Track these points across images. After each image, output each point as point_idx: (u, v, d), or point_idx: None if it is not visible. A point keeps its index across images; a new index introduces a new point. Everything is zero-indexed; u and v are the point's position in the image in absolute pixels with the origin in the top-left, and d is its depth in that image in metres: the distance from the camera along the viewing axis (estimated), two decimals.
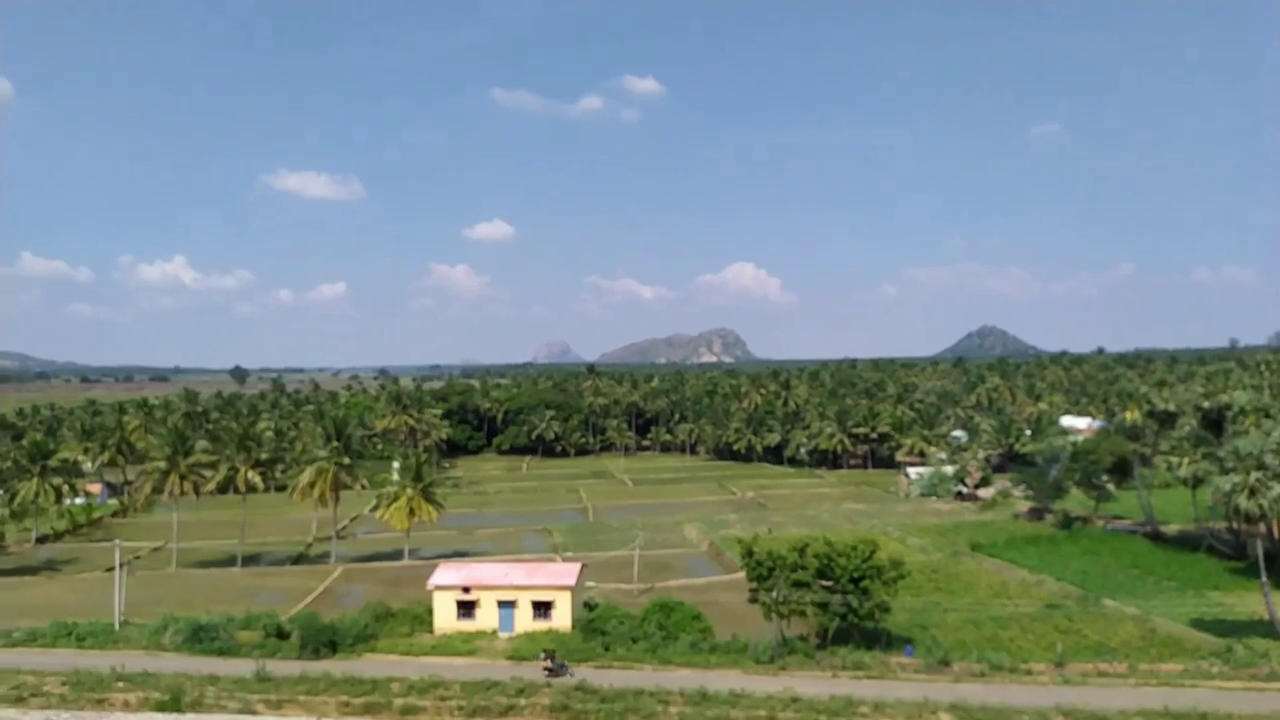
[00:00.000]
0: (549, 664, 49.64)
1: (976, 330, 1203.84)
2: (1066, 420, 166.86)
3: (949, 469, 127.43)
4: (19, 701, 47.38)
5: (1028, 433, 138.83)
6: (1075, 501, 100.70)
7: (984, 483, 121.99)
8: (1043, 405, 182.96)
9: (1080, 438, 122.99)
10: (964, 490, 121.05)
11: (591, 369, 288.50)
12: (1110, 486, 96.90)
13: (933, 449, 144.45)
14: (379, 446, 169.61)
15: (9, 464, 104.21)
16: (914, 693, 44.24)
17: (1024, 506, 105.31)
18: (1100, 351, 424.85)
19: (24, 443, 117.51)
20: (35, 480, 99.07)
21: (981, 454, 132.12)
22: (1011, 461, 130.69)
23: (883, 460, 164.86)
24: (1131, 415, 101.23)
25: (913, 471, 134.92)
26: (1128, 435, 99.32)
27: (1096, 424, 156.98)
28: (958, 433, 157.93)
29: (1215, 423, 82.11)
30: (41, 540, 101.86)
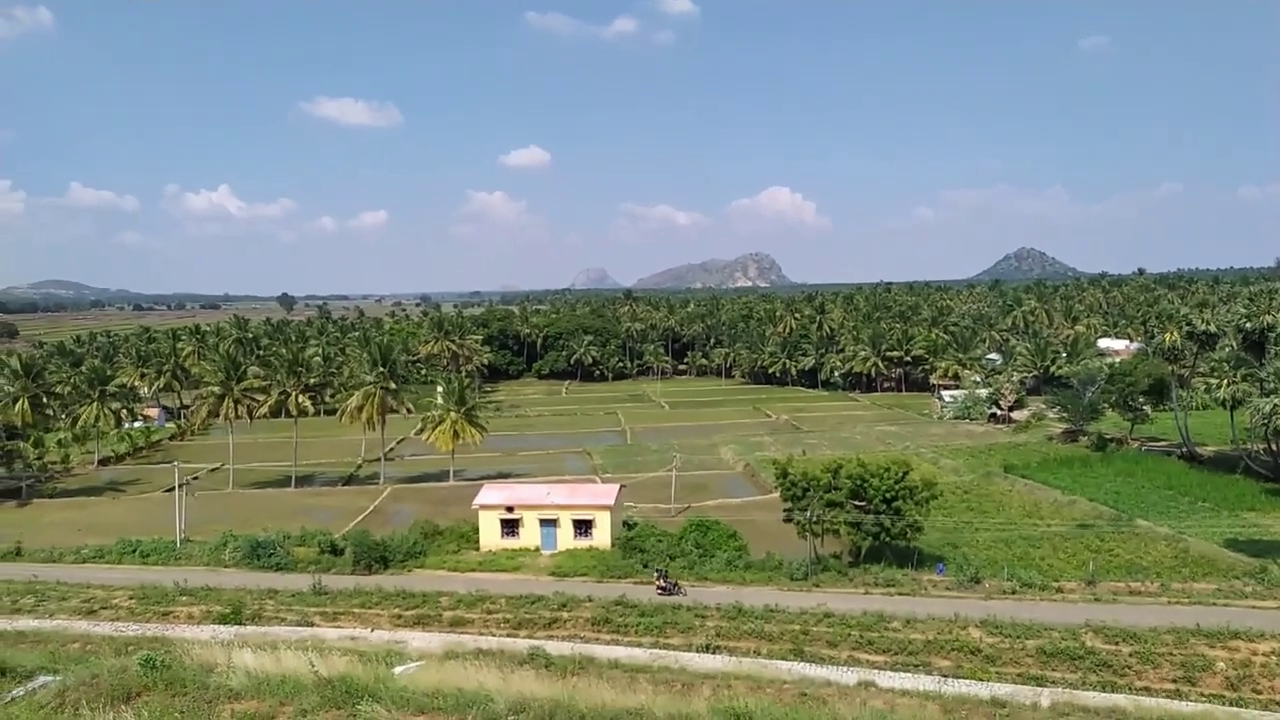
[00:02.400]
0: (661, 582, 49.95)
1: (1014, 252, 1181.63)
2: (1104, 342, 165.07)
3: (983, 391, 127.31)
4: (90, 614, 50.30)
5: (1064, 355, 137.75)
6: (1110, 423, 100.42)
7: (1018, 405, 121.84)
8: (1080, 327, 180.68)
9: (1117, 360, 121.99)
10: (998, 412, 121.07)
11: (628, 294, 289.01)
12: (1147, 408, 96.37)
13: (967, 372, 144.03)
14: (423, 371, 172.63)
15: (70, 389, 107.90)
16: (945, 609, 45.26)
17: (1058, 428, 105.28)
18: (1140, 273, 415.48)
19: (83, 369, 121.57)
20: (95, 405, 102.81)
21: (1016, 377, 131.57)
22: (1047, 384, 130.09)
23: (916, 383, 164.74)
24: (1170, 336, 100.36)
25: (946, 394, 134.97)
26: (1166, 357, 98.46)
27: (1135, 346, 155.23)
28: (992, 355, 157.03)
29: (1257, 344, 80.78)
30: (103, 462, 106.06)
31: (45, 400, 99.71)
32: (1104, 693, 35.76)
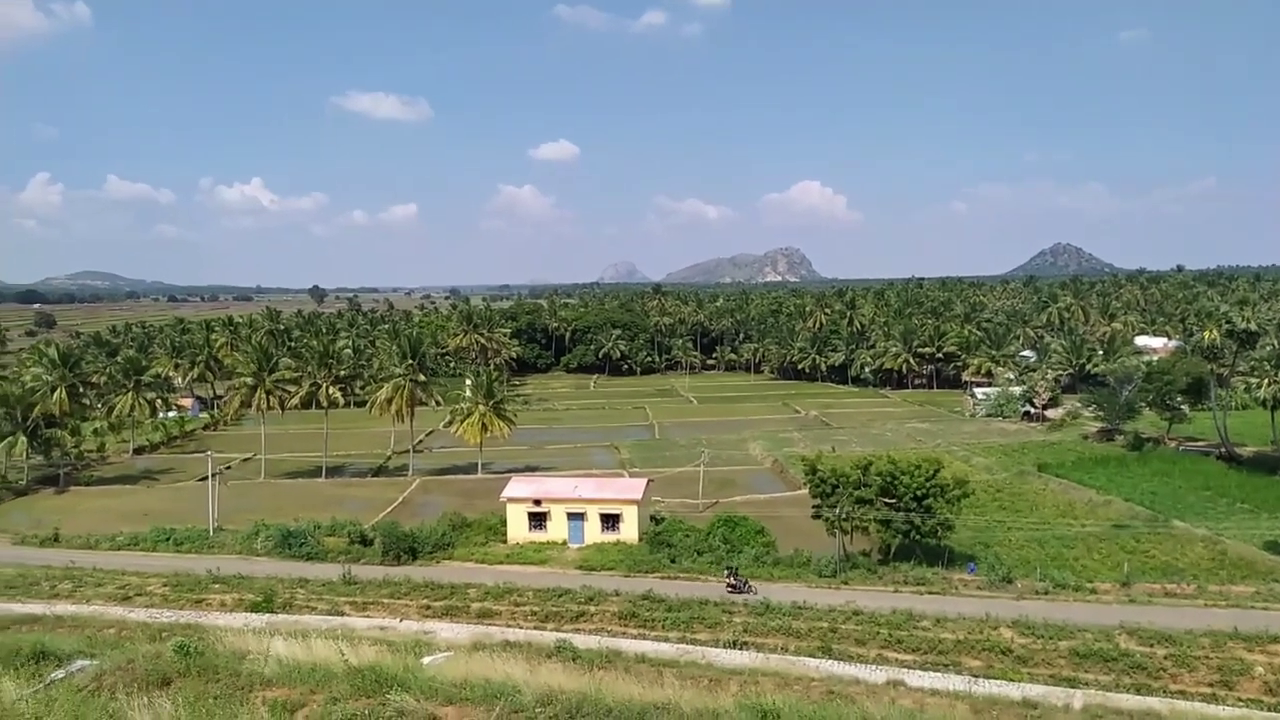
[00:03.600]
0: (732, 580, 49.40)
1: (1049, 248, 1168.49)
2: (1141, 340, 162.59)
3: (1016, 389, 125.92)
4: (125, 600, 51.17)
5: (1100, 353, 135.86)
6: (1147, 423, 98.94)
7: (1053, 403, 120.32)
8: (1117, 325, 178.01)
9: (1155, 358, 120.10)
10: (1032, 410, 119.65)
11: (657, 288, 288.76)
12: (1184, 408, 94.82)
13: (1000, 369, 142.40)
14: (451, 364, 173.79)
15: (106, 379, 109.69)
16: (976, 609, 44.88)
17: (1094, 427, 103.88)
18: (1179, 269, 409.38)
19: (119, 359, 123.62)
20: (131, 394, 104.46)
21: (1051, 374, 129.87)
22: (1082, 382, 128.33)
23: (948, 380, 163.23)
24: (1210, 334, 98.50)
25: (979, 391, 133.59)
26: (1205, 355, 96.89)
27: (1173, 344, 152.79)
28: (1027, 352, 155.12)
29: None
30: (139, 451, 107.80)
31: (82, 390, 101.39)
32: (1138, 696, 35.25)
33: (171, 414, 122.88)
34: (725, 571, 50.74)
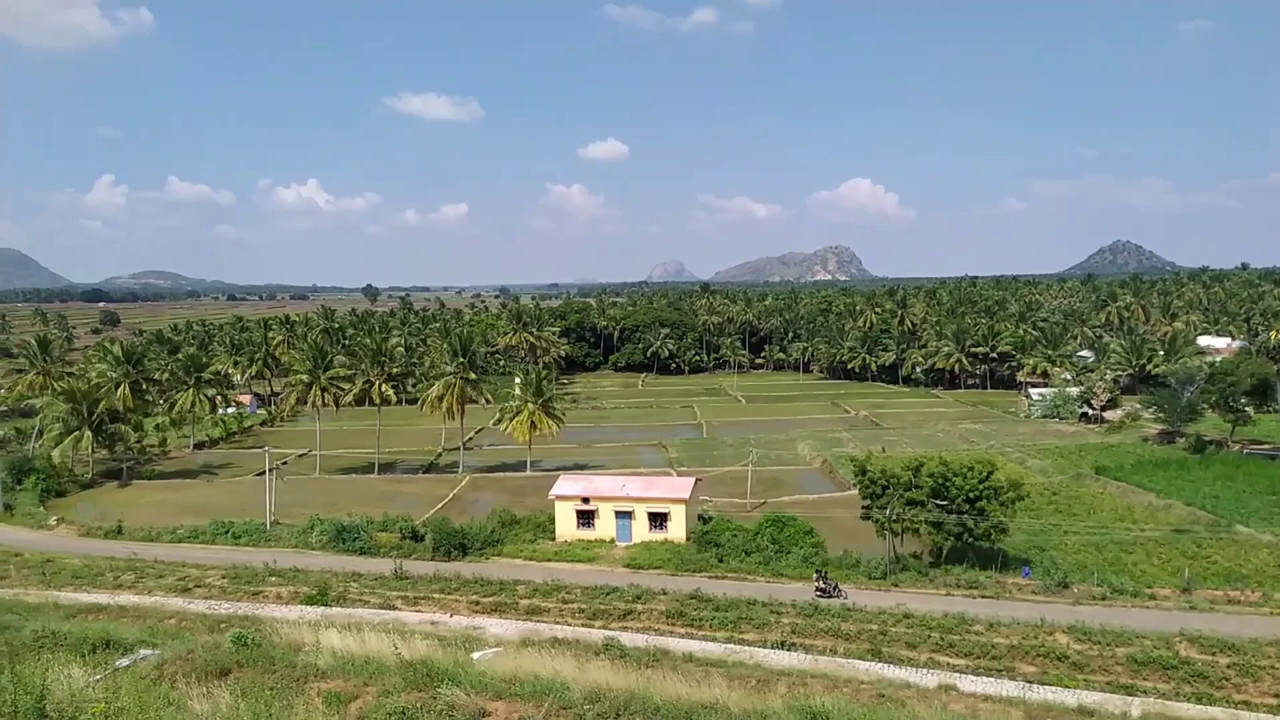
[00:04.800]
0: (821, 584, 48.48)
1: (1108, 246, 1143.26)
2: (1204, 340, 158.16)
3: (1074, 390, 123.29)
4: (185, 591, 52.51)
5: (1160, 353, 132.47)
6: (1209, 425, 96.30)
7: (1111, 404, 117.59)
8: (1178, 324, 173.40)
9: (1218, 358, 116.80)
10: (1089, 412, 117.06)
11: (705, 287, 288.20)
12: (1249, 410, 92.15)
13: (1057, 369, 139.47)
14: (501, 363, 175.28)
15: (167, 376, 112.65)
16: (1030, 613, 44.15)
17: (1154, 429, 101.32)
18: (1244, 267, 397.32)
19: (180, 356, 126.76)
20: (191, 391, 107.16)
21: (1109, 375, 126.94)
22: (1142, 383, 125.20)
23: (1002, 380, 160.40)
24: (1276, 334, 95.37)
25: (1034, 392, 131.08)
26: (1271, 355, 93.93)
27: (1237, 344, 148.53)
28: (1084, 352, 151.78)
29: None
30: (199, 446, 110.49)
31: (145, 386, 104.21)
32: (1199, 705, 34.40)
33: (230, 410, 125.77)
34: (815, 574, 49.57)
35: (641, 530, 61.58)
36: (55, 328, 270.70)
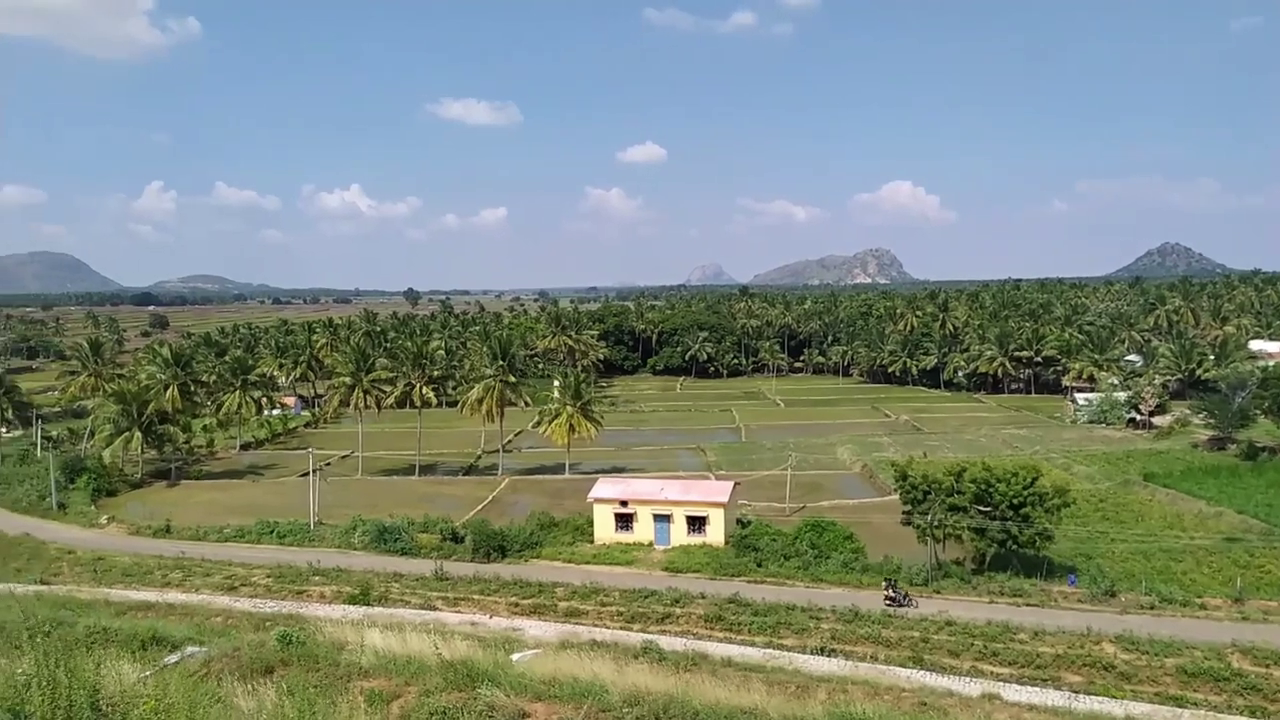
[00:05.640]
0: (890, 593, 47.43)
1: (1157, 248, 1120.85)
2: (1256, 344, 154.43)
3: (1121, 395, 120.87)
4: (231, 590, 53.51)
5: (1211, 357, 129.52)
6: (1262, 431, 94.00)
7: (1160, 410, 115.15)
8: (1230, 328, 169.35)
9: (1271, 363, 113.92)
10: (1137, 417, 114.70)
11: (744, 290, 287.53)
12: None
13: (1103, 374, 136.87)
14: (540, 366, 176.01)
15: (215, 378, 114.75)
16: (1077, 622, 43.38)
17: (1204, 435, 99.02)
18: None
19: (227, 359, 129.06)
20: (238, 393, 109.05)
21: (1158, 379, 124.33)
22: (1192, 388, 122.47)
23: (1047, 385, 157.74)
24: None
25: (1080, 397, 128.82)
26: None
27: None
28: (1132, 357, 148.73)
29: None
30: (245, 447, 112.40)
31: (193, 388, 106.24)
32: (1251, 719, 33.50)
33: (276, 412, 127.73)
34: (884, 584, 48.47)
35: (680, 534, 61.48)
36: (106, 330, 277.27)
